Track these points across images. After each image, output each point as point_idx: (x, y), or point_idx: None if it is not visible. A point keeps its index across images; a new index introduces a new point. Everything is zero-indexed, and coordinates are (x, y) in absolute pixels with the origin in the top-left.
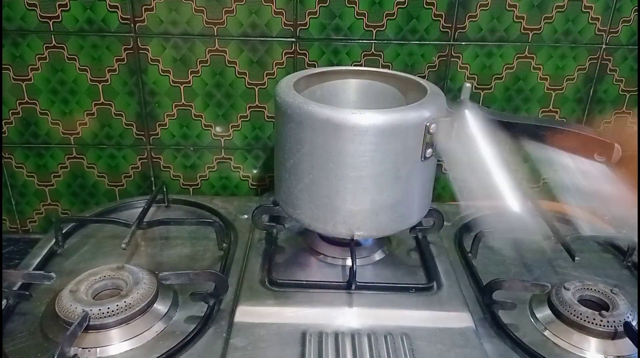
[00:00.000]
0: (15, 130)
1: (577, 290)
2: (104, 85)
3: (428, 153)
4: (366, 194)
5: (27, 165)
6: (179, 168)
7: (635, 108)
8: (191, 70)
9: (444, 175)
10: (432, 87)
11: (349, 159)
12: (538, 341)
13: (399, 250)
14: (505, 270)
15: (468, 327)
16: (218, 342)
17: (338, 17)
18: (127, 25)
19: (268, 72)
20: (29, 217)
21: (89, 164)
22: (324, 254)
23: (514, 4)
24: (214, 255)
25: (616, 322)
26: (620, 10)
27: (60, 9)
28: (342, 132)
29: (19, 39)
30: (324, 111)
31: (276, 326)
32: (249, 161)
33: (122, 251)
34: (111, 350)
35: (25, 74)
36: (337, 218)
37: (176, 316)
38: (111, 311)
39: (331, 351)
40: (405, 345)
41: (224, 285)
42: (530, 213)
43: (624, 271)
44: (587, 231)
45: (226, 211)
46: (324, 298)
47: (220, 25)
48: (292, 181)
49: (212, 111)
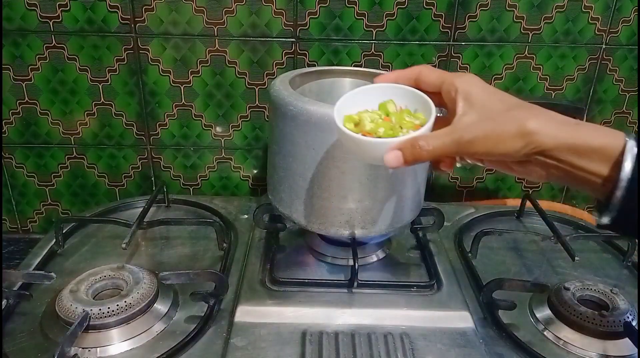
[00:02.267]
0: (16, 130)
1: (577, 290)
2: (104, 85)
3: None
4: (363, 192)
5: (27, 165)
6: (179, 168)
7: (635, 108)
8: (191, 70)
9: (444, 175)
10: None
11: (345, 157)
12: (538, 341)
13: (399, 249)
14: (505, 270)
15: (468, 327)
16: (218, 342)
17: (338, 17)
18: (127, 25)
19: (268, 72)
20: (29, 217)
21: (89, 164)
22: (324, 254)
23: (513, 4)
24: (214, 255)
25: (616, 322)
26: (620, 10)
27: (61, 9)
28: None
29: (19, 39)
30: (319, 108)
31: (276, 326)
32: (249, 161)
33: (122, 251)
34: (111, 350)
35: (26, 74)
36: (333, 218)
37: (176, 316)
38: (111, 311)
39: (331, 351)
40: (405, 345)
41: (224, 285)
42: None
43: (624, 271)
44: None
45: (226, 211)
46: (323, 298)
47: (220, 25)
48: (286, 179)
49: (212, 111)
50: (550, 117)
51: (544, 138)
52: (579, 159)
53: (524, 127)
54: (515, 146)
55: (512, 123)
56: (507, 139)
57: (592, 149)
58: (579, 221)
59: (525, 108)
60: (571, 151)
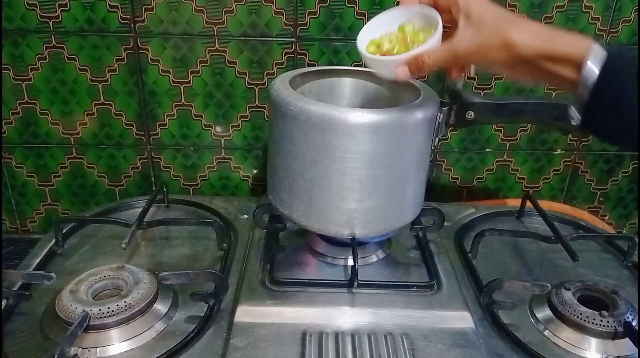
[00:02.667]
0: (15, 130)
1: (577, 290)
2: (104, 85)
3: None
4: (363, 192)
5: (27, 165)
6: (179, 168)
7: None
8: (191, 70)
9: (444, 175)
10: (424, 87)
11: (345, 157)
12: (538, 341)
13: (399, 249)
14: (505, 270)
15: (468, 327)
16: (218, 342)
17: (338, 17)
18: (127, 25)
19: (268, 72)
20: (29, 217)
21: (89, 164)
22: (324, 254)
23: (514, 3)
24: (214, 255)
25: (616, 322)
26: (620, 10)
27: (60, 9)
28: (340, 129)
29: (19, 39)
30: (319, 108)
31: (276, 326)
32: (249, 161)
33: (122, 251)
34: (111, 350)
35: (25, 74)
36: (333, 218)
37: (176, 316)
38: (111, 311)
39: (331, 351)
40: (405, 345)
41: (224, 285)
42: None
43: (624, 271)
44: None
45: (226, 211)
46: (323, 298)
47: (220, 25)
48: (286, 179)
49: (212, 111)
50: (531, 29)
51: (523, 48)
52: (553, 65)
53: (505, 39)
54: (500, 56)
55: (496, 36)
56: (493, 51)
57: (563, 56)
58: (579, 221)
59: (509, 21)
60: (547, 58)
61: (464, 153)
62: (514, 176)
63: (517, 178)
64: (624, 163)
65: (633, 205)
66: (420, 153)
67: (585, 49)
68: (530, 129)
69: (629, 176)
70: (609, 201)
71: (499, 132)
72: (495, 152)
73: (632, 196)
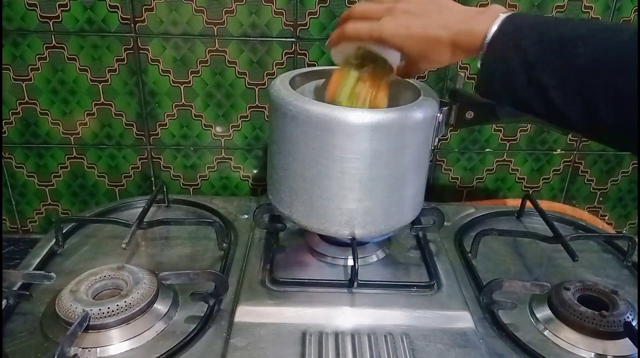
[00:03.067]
0: (16, 130)
1: (577, 290)
2: (104, 85)
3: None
4: (363, 192)
5: (27, 165)
6: (179, 168)
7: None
8: (191, 70)
9: (444, 175)
10: (424, 87)
11: (345, 157)
12: (538, 341)
13: (399, 249)
14: (505, 270)
15: (468, 327)
16: (218, 342)
17: (338, 17)
18: (127, 25)
19: (268, 72)
20: (29, 217)
21: (89, 164)
22: (324, 254)
23: (514, 4)
24: (214, 255)
25: (616, 322)
26: (620, 10)
27: (60, 9)
28: (340, 130)
29: (19, 39)
30: (319, 108)
31: (276, 326)
32: (249, 161)
33: (122, 251)
34: (111, 350)
35: (26, 74)
36: (333, 218)
37: (176, 316)
38: (111, 311)
39: (331, 351)
40: (405, 345)
41: (224, 285)
42: None
43: (624, 271)
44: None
45: (226, 211)
46: (324, 298)
47: (220, 25)
48: (286, 179)
49: (212, 111)
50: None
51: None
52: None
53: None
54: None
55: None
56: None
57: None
58: (579, 221)
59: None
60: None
61: (464, 153)
62: (514, 176)
63: (517, 178)
64: (624, 163)
65: (633, 205)
66: (420, 153)
67: (493, 21)
68: (530, 129)
69: (628, 176)
70: (608, 201)
71: (499, 133)
72: (495, 152)
73: (631, 196)
